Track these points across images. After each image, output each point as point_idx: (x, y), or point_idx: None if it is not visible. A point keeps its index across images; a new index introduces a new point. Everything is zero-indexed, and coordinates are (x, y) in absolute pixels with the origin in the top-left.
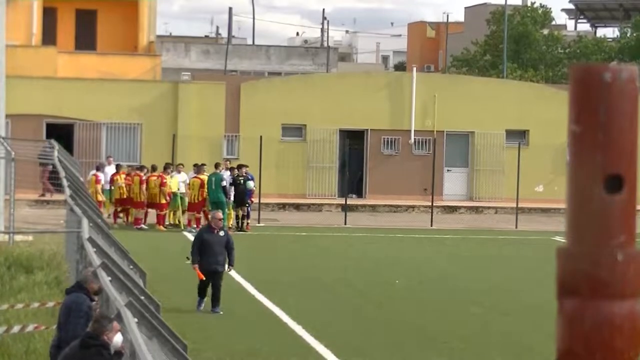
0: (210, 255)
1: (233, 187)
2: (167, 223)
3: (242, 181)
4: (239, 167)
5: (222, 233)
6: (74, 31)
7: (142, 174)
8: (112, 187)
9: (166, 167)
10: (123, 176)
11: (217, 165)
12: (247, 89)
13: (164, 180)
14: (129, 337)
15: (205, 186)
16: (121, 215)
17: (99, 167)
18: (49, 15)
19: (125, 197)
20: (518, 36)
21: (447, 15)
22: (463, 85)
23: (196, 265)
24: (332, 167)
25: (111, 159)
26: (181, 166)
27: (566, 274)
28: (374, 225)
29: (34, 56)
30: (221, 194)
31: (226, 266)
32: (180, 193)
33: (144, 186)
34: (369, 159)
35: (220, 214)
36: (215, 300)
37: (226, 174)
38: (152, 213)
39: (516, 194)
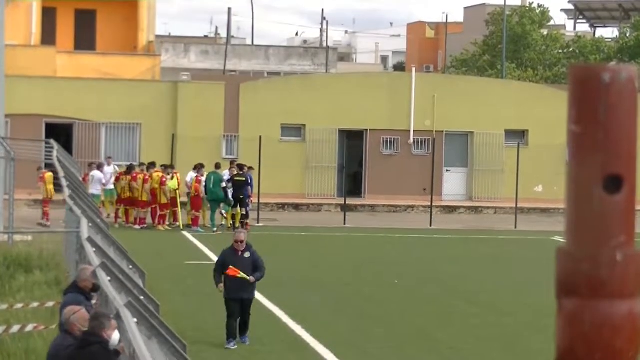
0: (234, 280)
1: (251, 188)
2: (168, 223)
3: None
4: (241, 166)
5: (247, 254)
6: (74, 31)
7: (147, 174)
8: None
9: (165, 168)
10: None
11: (217, 166)
12: (247, 89)
13: (146, 178)
14: (128, 337)
15: (200, 184)
16: (120, 215)
17: (99, 167)
18: (49, 15)
19: (127, 196)
20: (517, 36)
21: (447, 16)
22: (462, 85)
23: (220, 285)
24: (332, 167)
25: (111, 159)
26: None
27: (566, 274)
28: (373, 225)
29: (33, 56)
30: (220, 193)
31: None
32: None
33: (147, 185)
34: (368, 159)
35: (241, 236)
36: (244, 329)
37: (226, 174)
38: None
39: (515, 194)
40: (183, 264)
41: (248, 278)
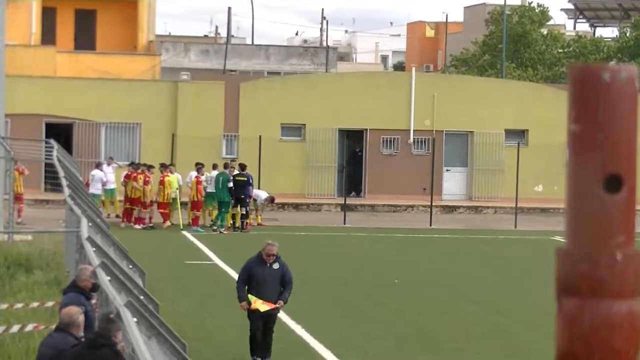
0: (260, 293)
1: (252, 188)
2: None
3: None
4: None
5: (276, 265)
6: (74, 31)
7: (148, 174)
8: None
9: (163, 167)
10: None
11: (225, 166)
12: (247, 88)
13: (147, 179)
14: (128, 337)
15: (200, 184)
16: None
17: (98, 166)
18: (49, 15)
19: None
20: (517, 36)
21: (447, 15)
22: (462, 85)
23: (244, 303)
24: (332, 167)
25: (112, 159)
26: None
27: (565, 274)
28: (373, 225)
29: (33, 56)
30: (227, 194)
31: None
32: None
33: (149, 187)
34: (368, 158)
35: (274, 249)
36: (266, 349)
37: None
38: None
39: (515, 193)
40: (183, 263)
41: (279, 305)
